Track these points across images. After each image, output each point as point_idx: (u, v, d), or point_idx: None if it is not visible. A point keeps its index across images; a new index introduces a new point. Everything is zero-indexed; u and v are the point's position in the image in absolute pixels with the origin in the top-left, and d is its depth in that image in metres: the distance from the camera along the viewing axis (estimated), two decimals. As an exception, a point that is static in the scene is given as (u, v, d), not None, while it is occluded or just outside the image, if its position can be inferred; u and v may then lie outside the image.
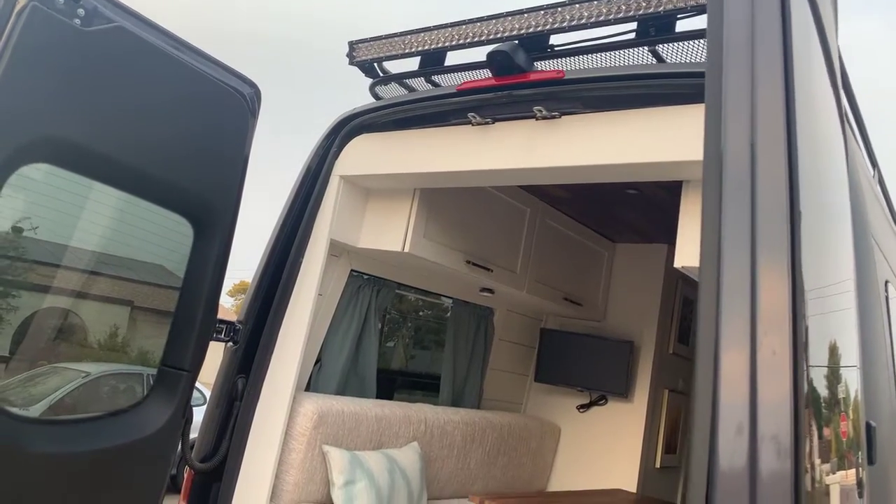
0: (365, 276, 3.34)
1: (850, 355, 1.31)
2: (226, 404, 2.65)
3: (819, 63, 1.30)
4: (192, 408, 2.47)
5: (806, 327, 0.97)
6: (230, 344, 2.70)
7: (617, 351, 4.16)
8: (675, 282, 4.47)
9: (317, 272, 2.73)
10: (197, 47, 2.37)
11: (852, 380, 1.31)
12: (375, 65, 2.71)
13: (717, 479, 0.86)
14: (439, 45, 2.43)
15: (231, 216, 2.45)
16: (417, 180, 2.70)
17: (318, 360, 3.18)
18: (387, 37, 2.60)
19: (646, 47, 2.13)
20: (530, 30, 2.21)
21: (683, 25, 2.05)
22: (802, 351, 0.92)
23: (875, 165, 2.62)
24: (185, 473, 2.66)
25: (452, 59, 2.53)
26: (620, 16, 2.03)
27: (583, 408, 4.31)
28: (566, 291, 4.03)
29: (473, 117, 2.34)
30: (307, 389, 3.02)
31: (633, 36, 2.11)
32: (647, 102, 2.04)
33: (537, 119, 2.23)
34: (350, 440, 2.88)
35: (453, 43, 2.40)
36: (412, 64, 2.67)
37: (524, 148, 2.25)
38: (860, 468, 1.26)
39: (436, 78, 2.63)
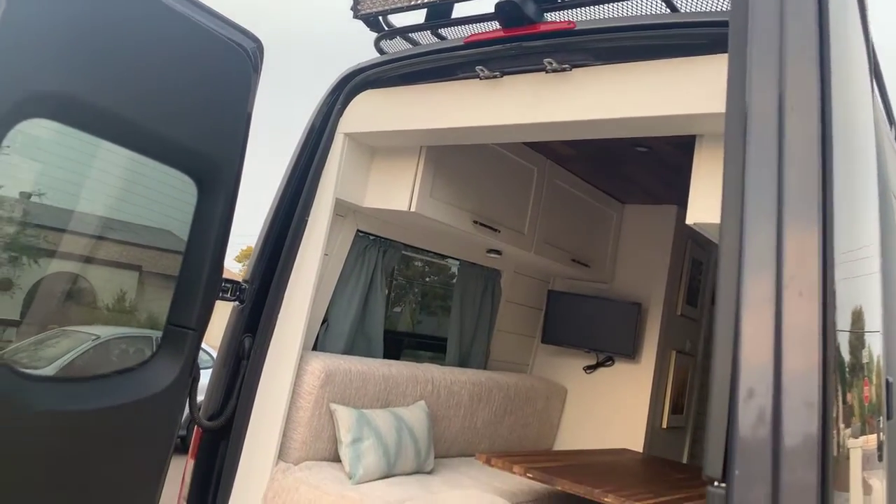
0: (371, 237, 3.31)
1: (874, 319, 1.28)
2: (233, 363, 2.65)
3: (852, 6, 1.23)
4: (200, 367, 2.48)
5: (834, 291, 0.91)
6: (236, 303, 2.69)
7: (624, 312, 4.14)
8: (684, 243, 4.42)
9: (322, 232, 2.70)
10: (198, 0, 2.31)
11: (875, 344, 1.27)
12: (380, 18, 2.63)
13: (737, 451, 0.82)
14: (446, -3, 2.36)
15: (235, 173, 2.41)
16: (424, 137, 2.65)
17: (324, 320, 3.17)
18: (392, -12, 2.52)
19: (659, -4, 2.05)
20: (540, -21, 2.13)
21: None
22: (831, 315, 0.87)
23: (893, 122, 2.55)
24: (194, 432, 2.67)
25: (459, 10, 2.45)
26: (634, -37, 1.96)
27: (589, 369, 4.31)
28: (574, 253, 3.99)
29: (481, 71, 2.28)
30: (314, 349, 3.01)
31: (646, -16, 2.04)
32: (660, 54, 1.97)
33: (547, 72, 2.16)
34: (357, 399, 2.89)
35: (460, -6, 2.33)
36: (418, 17, 2.59)
37: (533, 102, 2.19)
38: (881, 432, 1.23)
39: (442, 31, 2.55)
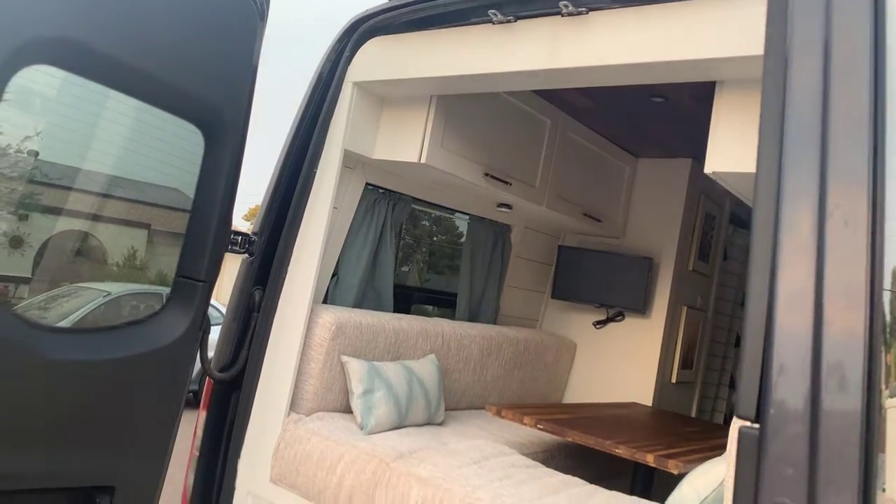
0: (380, 190, 3.27)
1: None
2: (243, 316, 2.64)
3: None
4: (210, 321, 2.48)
5: (884, 222, 0.85)
6: (246, 256, 2.67)
7: (636, 267, 4.11)
8: (697, 198, 4.36)
9: (331, 184, 2.66)
10: (200, -59, 2.23)
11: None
12: (389, -38, 2.55)
13: (772, 391, 0.78)
14: (458, -63, 2.27)
15: (242, 123, 2.36)
16: (434, 86, 2.58)
17: (334, 274, 3.15)
18: (402, -71, 2.43)
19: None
20: (557, -84, 2.04)
21: None
22: (879, 247, 0.81)
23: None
24: (205, 384, 2.68)
25: (472, -48, 2.36)
26: None
27: (599, 324, 4.30)
28: (586, 207, 3.94)
29: (494, 15, 2.20)
30: (324, 303, 3.01)
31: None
32: (682, -5, 1.89)
33: (563, 15, 2.09)
34: (368, 352, 2.89)
35: (473, -67, 2.24)
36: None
37: (548, 48, 2.12)
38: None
39: (454, -26, 2.47)
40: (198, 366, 2.41)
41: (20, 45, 1.85)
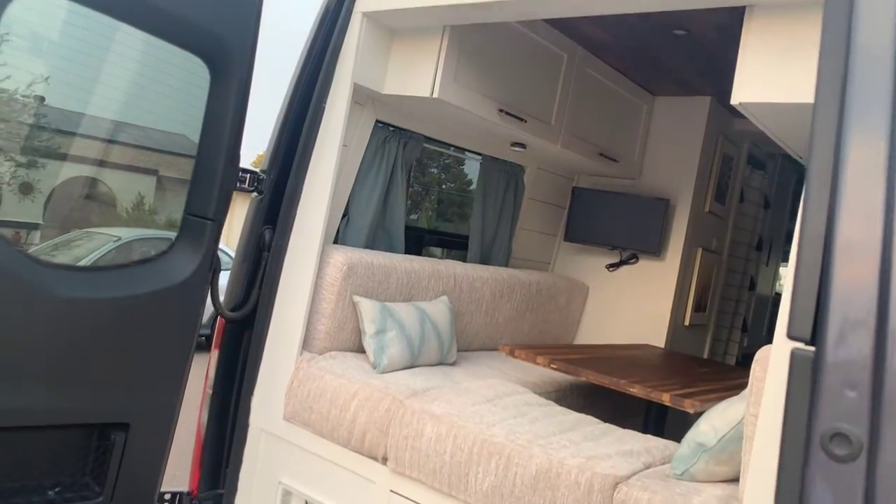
0: (391, 128, 3.18)
1: None
2: (253, 255, 2.61)
3: None
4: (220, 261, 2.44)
5: None
6: (254, 194, 2.62)
7: (651, 209, 4.03)
8: (715, 138, 4.25)
9: (340, 121, 2.58)
10: None
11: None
12: None
13: (831, 310, 0.71)
14: None
15: (248, 54, 2.28)
16: (447, 15, 2.47)
17: (345, 214, 3.10)
18: None
19: None
20: None
21: None
22: None
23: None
24: (217, 324, 2.67)
25: None
26: None
27: (612, 266, 4.25)
28: (602, 147, 3.84)
29: (511, -64, 2.09)
30: (335, 243, 2.96)
31: None
32: None
33: (584, -65, 1.97)
34: (380, 292, 2.86)
35: None
36: None
37: (568, -29, 2.01)
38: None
39: None
40: (209, 310, 2.39)
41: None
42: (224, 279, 2.54)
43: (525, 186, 4.05)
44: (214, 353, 2.62)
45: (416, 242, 3.72)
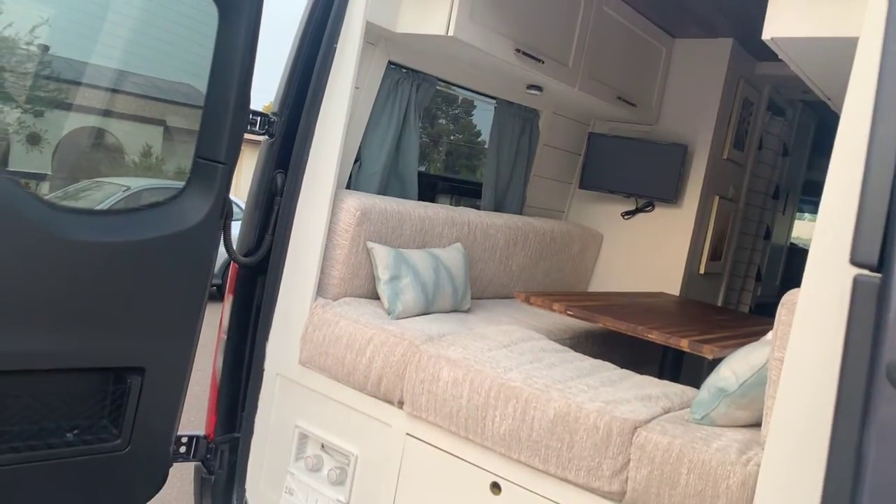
0: (404, 70, 3.09)
1: None
2: (265, 200, 2.57)
3: None
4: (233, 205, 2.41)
5: None
6: (265, 137, 2.57)
7: (669, 155, 3.95)
8: (736, 81, 4.13)
9: (352, 61, 2.50)
10: None
11: None
12: None
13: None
14: None
15: (256, -2, 2.19)
16: (464, -52, 2.36)
17: (357, 160, 3.04)
18: None
19: None
20: None
21: None
22: None
23: None
24: (230, 270, 2.65)
25: None
26: None
27: (628, 214, 4.19)
28: (620, 90, 3.73)
29: None
30: (347, 188, 2.91)
31: None
32: None
33: None
34: (393, 238, 2.82)
35: None
36: None
37: None
38: None
39: None
40: (220, 259, 2.37)
41: None
42: (235, 230, 2.51)
43: (540, 132, 3.96)
44: (228, 299, 2.60)
45: (429, 190, 3.66)
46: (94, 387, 2.16)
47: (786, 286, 6.30)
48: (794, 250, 6.74)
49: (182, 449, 2.46)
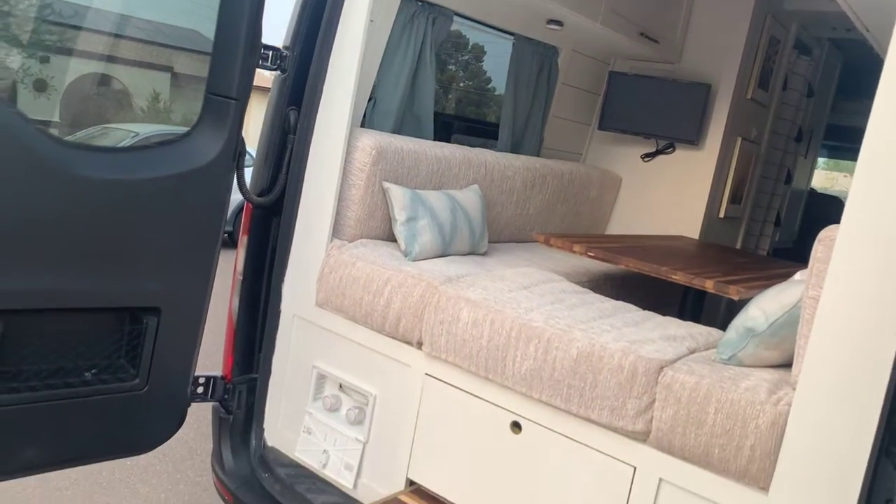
0: (419, 2, 2.97)
1: None
2: (278, 138, 2.50)
3: None
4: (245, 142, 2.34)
5: None
6: (278, 72, 2.48)
7: (692, 94, 3.82)
8: (763, 17, 3.96)
9: (366, -9, 2.39)
10: None
11: None
12: None
13: None
14: None
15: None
16: None
17: (371, 97, 2.95)
18: None
19: None
20: None
21: None
22: None
23: None
24: (244, 211, 2.60)
25: None
26: None
27: (647, 157, 4.09)
28: (643, 26, 3.59)
29: None
30: (361, 127, 2.83)
31: None
32: None
33: None
34: (409, 179, 2.75)
35: None
36: None
37: None
38: None
39: None
40: (232, 205, 2.31)
41: None
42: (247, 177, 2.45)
43: (559, 70, 3.84)
44: (243, 240, 2.56)
45: (445, 130, 3.57)
46: (110, 327, 2.14)
47: (804, 232, 6.22)
48: (813, 196, 6.62)
49: (200, 389, 2.46)
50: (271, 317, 2.52)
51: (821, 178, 9.44)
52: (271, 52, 2.40)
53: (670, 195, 4.00)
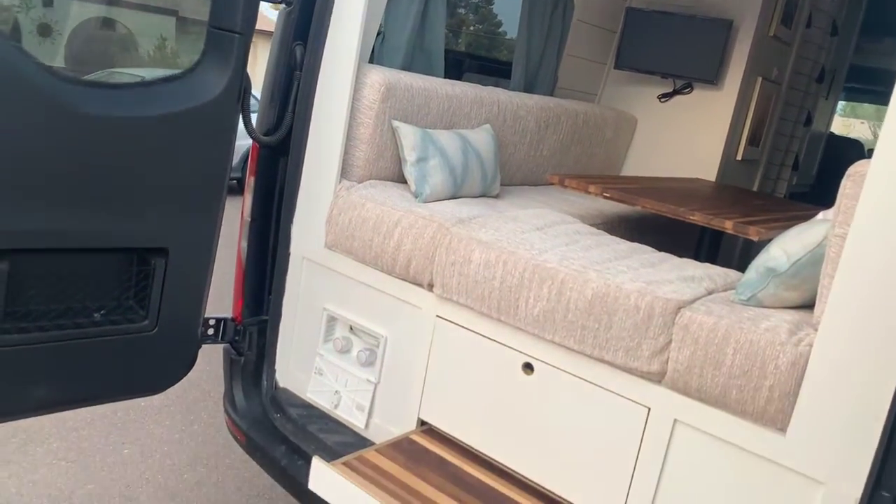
0: (429, -68, 2.84)
1: None
2: (285, 75, 2.42)
3: None
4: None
5: None
6: (282, 6, 2.39)
7: (712, 31, 3.68)
8: (789, -52, 3.78)
9: (374, -85, 2.28)
10: None
11: None
12: None
13: None
14: None
15: None
16: None
17: (379, 32, 2.84)
18: None
19: None
20: None
21: None
22: None
23: None
24: (250, 150, 2.54)
25: None
26: None
27: (664, 97, 3.97)
28: (662, -44, 3.43)
29: None
30: (370, 63, 2.74)
31: None
32: None
33: None
34: (420, 118, 2.67)
35: None
36: None
37: None
38: None
39: None
40: (239, 152, 2.26)
41: None
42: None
43: (574, 6, 3.69)
44: (250, 181, 2.51)
45: (456, 67, 3.47)
46: (117, 268, 2.12)
47: (822, 177, 6.09)
48: (833, 139, 6.47)
49: (210, 331, 2.45)
50: (280, 259, 2.49)
51: (838, 125, 9.23)
52: (275, -16, 2.31)
53: (687, 137, 3.90)
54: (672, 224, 2.59)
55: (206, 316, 2.37)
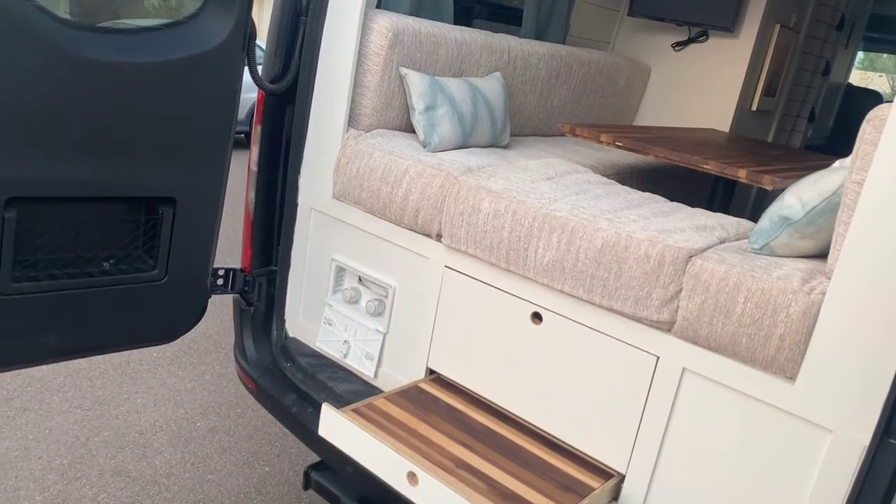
0: None
1: None
2: (290, 20, 2.37)
3: None
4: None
5: None
6: (287, -52, 2.32)
7: (730, -25, 3.56)
8: None
9: None
10: None
11: None
12: None
13: None
14: None
15: None
16: None
17: (386, -24, 2.77)
18: None
19: None
20: None
21: None
22: None
23: None
24: (256, 99, 2.50)
25: None
26: None
27: (679, 45, 3.87)
28: None
29: None
30: (377, 8, 2.67)
31: None
32: None
33: None
34: (428, 65, 2.62)
35: None
36: None
37: None
38: None
39: None
40: (244, 106, 2.22)
41: None
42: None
43: (587, -50, 3.58)
44: (257, 129, 2.48)
45: (465, 14, 3.38)
46: (125, 217, 2.12)
47: (838, 129, 5.97)
48: (851, 90, 6.32)
49: (219, 281, 2.46)
50: (288, 210, 2.48)
51: (856, 77, 9.00)
52: (279, -76, 2.24)
53: (701, 86, 3.81)
54: (684, 175, 2.56)
55: (215, 266, 2.37)
